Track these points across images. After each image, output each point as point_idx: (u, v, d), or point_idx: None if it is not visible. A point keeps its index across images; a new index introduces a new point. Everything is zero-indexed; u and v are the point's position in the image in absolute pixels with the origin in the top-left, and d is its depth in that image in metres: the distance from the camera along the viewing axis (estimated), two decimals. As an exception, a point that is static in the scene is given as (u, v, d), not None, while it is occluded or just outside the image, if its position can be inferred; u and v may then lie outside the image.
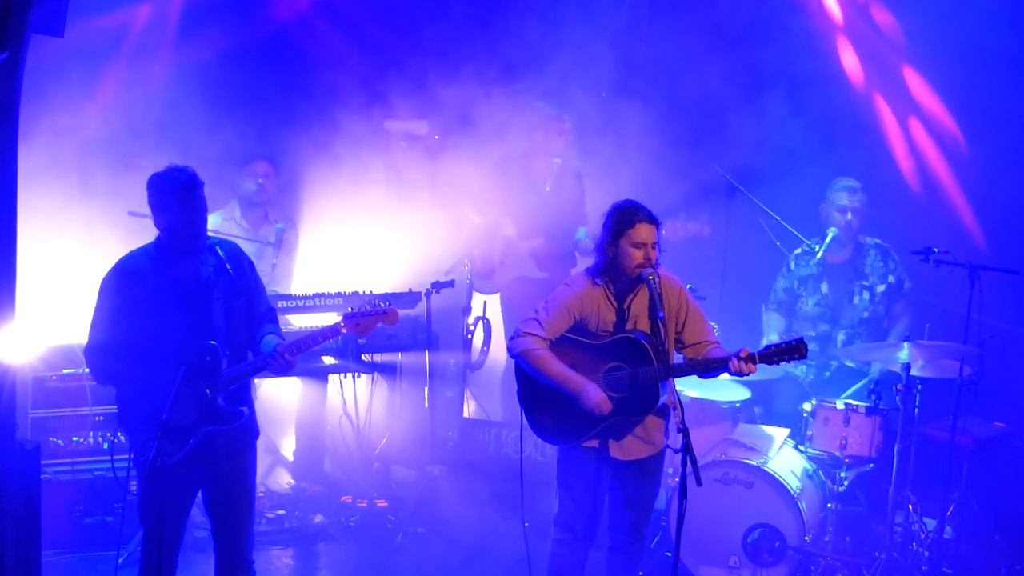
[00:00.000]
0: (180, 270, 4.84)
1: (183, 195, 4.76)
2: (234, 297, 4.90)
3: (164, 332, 4.78)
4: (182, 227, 4.79)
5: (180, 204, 4.76)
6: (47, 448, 6.19)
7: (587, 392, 5.01)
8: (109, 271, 4.86)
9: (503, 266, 7.75)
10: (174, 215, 4.77)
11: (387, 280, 7.38)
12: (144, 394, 4.77)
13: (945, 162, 8.04)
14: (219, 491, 4.96)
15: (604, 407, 5.00)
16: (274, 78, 8.31)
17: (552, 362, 5.05)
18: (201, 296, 4.84)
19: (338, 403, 7.38)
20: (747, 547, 6.15)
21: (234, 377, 4.85)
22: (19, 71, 4.59)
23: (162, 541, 4.78)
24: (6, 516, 4.79)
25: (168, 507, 4.78)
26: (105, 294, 4.84)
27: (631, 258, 5.03)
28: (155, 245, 4.88)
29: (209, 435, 4.82)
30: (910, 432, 6.28)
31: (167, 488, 4.69)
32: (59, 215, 6.90)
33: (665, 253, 5.17)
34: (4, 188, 4.65)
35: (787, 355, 4.92)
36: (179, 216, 4.77)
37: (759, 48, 8.25)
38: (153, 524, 4.80)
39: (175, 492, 4.81)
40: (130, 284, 4.80)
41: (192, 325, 4.80)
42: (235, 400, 4.88)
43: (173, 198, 4.76)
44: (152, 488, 4.63)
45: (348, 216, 7.90)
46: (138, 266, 4.83)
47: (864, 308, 7.15)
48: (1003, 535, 6.58)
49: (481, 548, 6.62)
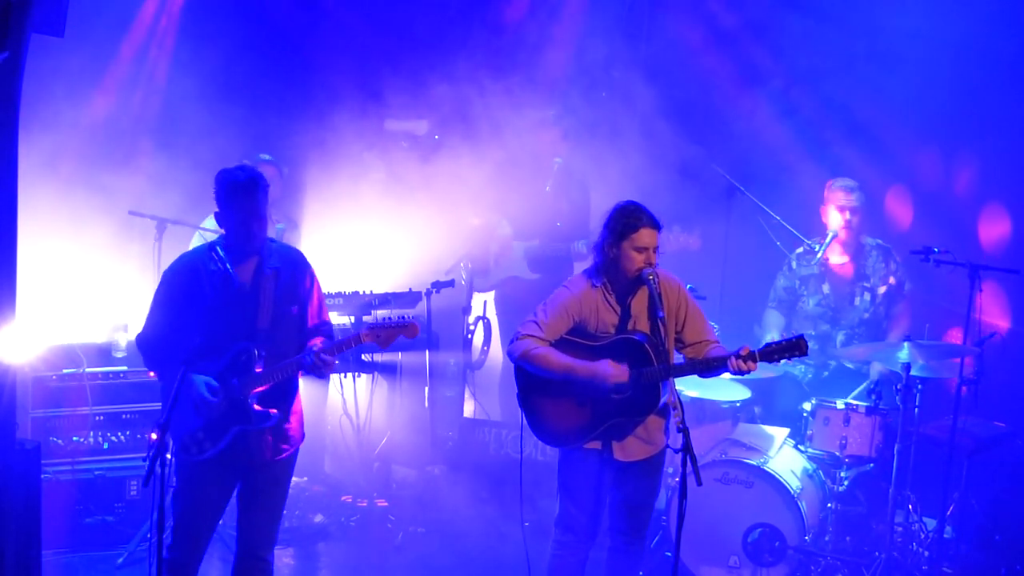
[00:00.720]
0: (235, 270, 4.85)
1: (239, 196, 4.77)
2: (284, 304, 4.91)
3: (210, 330, 4.83)
4: (236, 227, 4.81)
5: (236, 204, 4.78)
6: (47, 448, 6.19)
7: (600, 369, 4.98)
8: (171, 264, 4.94)
9: (497, 265, 7.76)
10: (231, 214, 4.80)
11: (387, 280, 7.38)
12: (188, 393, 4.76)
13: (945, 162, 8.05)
14: (249, 493, 4.96)
15: (622, 375, 4.96)
16: (274, 78, 8.33)
17: (555, 356, 5.03)
18: (250, 298, 4.84)
19: (338, 403, 7.38)
20: (747, 547, 6.15)
21: (265, 377, 4.84)
22: (19, 71, 4.59)
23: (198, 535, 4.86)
24: (6, 516, 4.79)
25: (201, 502, 4.85)
26: (163, 286, 4.89)
27: (632, 262, 5.02)
28: (218, 243, 4.92)
29: (241, 434, 4.84)
30: (910, 432, 6.28)
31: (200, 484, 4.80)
32: (59, 215, 6.90)
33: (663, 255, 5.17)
34: (4, 188, 4.65)
35: (787, 352, 4.90)
36: (234, 216, 4.79)
37: (759, 48, 8.25)
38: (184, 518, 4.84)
39: (208, 487, 4.86)
40: (186, 279, 4.84)
41: (236, 326, 4.83)
42: (267, 402, 4.87)
43: (229, 198, 4.78)
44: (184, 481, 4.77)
45: (348, 216, 7.90)
46: (197, 262, 4.87)
47: (865, 309, 7.14)
48: (1003, 535, 6.58)
49: (481, 548, 6.63)
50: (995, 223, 7.75)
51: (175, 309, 4.84)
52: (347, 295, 6.93)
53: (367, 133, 8.53)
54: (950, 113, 7.92)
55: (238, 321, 4.82)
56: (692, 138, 8.09)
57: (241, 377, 4.80)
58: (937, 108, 7.93)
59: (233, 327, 4.82)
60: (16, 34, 4.51)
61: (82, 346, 6.48)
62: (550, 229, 7.62)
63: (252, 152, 7.64)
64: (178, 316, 4.83)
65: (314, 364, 4.77)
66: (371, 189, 8.38)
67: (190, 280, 4.83)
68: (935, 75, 7.81)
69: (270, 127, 8.09)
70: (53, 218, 6.82)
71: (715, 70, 8.39)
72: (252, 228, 4.80)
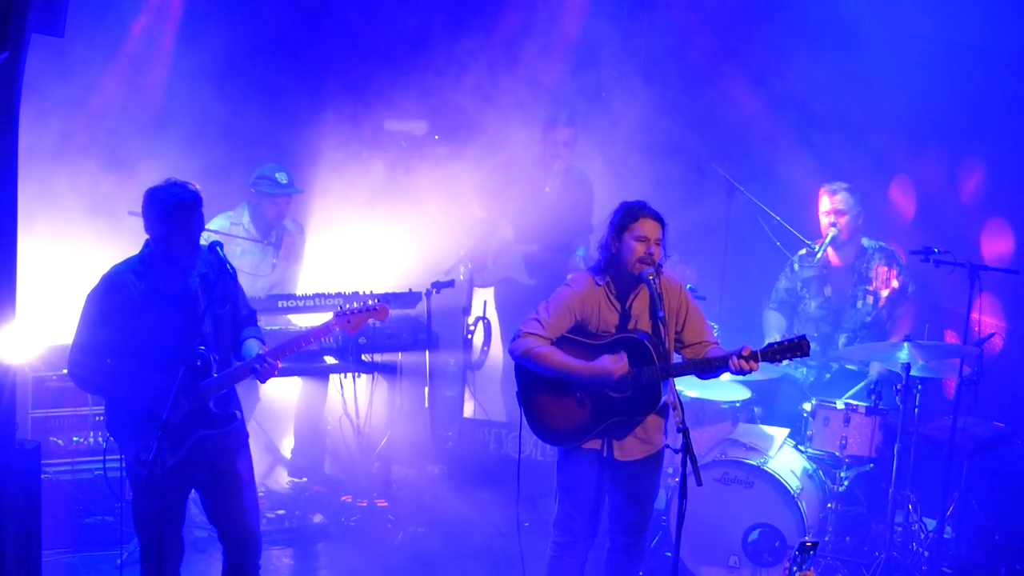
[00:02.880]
0: (168, 281, 4.90)
1: (183, 213, 4.80)
2: (220, 305, 4.99)
3: (156, 340, 4.85)
4: (179, 241, 4.83)
5: (179, 221, 4.80)
6: (47, 448, 6.18)
7: (600, 365, 4.98)
8: (97, 285, 4.90)
9: (495, 264, 7.76)
10: (172, 228, 4.81)
11: (387, 280, 7.38)
12: (135, 401, 4.83)
13: (945, 161, 8.05)
14: (217, 492, 5.03)
15: (623, 368, 4.96)
16: (274, 78, 8.31)
17: (557, 354, 5.03)
18: (190, 306, 4.90)
19: (338, 403, 7.38)
20: (747, 547, 6.15)
21: (222, 382, 4.91)
22: (19, 71, 4.59)
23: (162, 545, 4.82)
24: (6, 516, 4.79)
25: (167, 509, 4.83)
26: (93, 307, 4.87)
27: (633, 252, 5.01)
28: (141, 258, 4.92)
29: (201, 439, 4.91)
30: (910, 432, 6.28)
31: (164, 491, 4.73)
32: (59, 215, 6.90)
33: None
34: (4, 188, 4.65)
35: (789, 353, 4.90)
36: (177, 230, 4.81)
37: (759, 47, 8.26)
38: (152, 529, 4.83)
39: (171, 495, 4.86)
40: (119, 296, 4.84)
41: (183, 333, 4.85)
42: (225, 404, 4.98)
43: (172, 215, 4.79)
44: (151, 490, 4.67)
45: (348, 216, 7.90)
46: (125, 279, 4.87)
47: (867, 312, 7.13)
48: (1003, 535, 6.58)
49: (481, 548, 6.62)
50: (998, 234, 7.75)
51: (111, 326, 4.82)
52: (347, 295, 6.93)
53: (367, 133, 8.53)
54: (951, 113, 7.93)
55: (184, 329, 4.84)
56: (692, 138, 8.09)
57: (201, 382, 4.84)
58: (938, 108, 7.94)
59: (181, 336, 4.83)
60: (16, 34, 4.51)
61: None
62: (550, 232, 7.62)
63: (251, 151, 7.65)
64: (116, 332, 4.82)
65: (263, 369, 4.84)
66: (371, 189, 8.37)
67: (122, 296, 4.83)
68: (935, 75, 7.82)
69: (270, 127, 8.08)
70: (53, 218, 6.81)
71: (715, 70, 8.39)
72: (196, 241, 4.86)
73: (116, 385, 4.90)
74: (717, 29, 8.39)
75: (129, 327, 4.83)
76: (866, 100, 8.10)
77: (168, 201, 4.80)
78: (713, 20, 8.40)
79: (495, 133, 8.00)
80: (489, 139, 8.03)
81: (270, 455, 7.91)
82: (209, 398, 4.89)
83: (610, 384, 4.99)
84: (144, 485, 4.75)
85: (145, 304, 4.85)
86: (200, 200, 4.86)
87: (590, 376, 5.00)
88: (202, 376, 4.86)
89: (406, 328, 7.19)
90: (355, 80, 8.52)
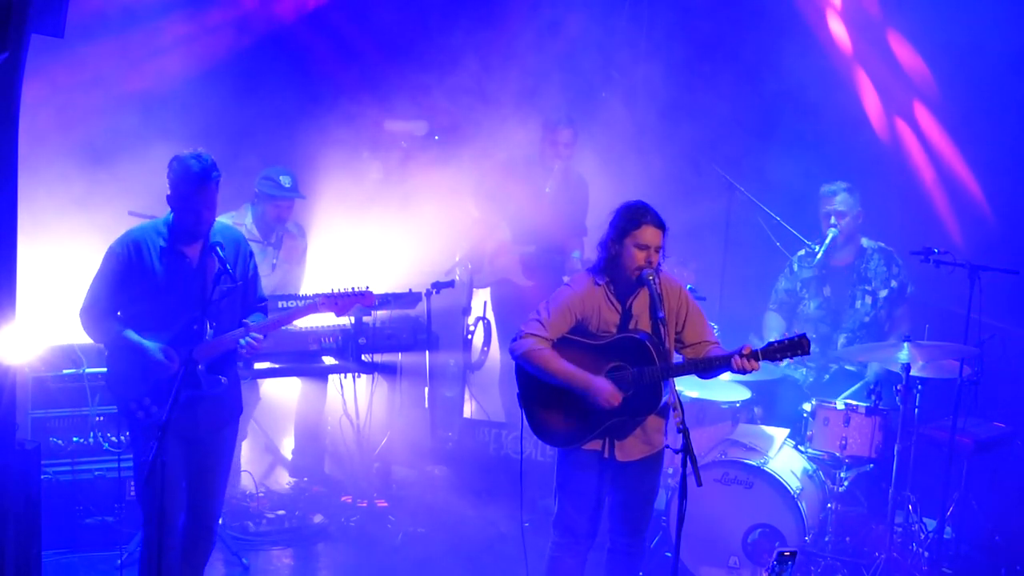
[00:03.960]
0: (183, 251, 5.14)
1: (194, 184, 5.03)
2: (229, 282, 5.21)
3: (165, 302, 5.12)
4: (187, 213, 5.08)
5: (190, 192, 5.04)
6: (47, 448, 6.18)
7: (596, 386, 4.98)
8: (117, 240, 5.16)
9: (492, 265, 7.76)
10: (183, 200, 5.07)
11: (387, 280, 7.37)
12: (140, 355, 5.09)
13: (945, 162, 8.05)
14: (196, 460, 5.22)
15: (615, 399, 4.97)
16: (274, 78, 8.32)
17: (557, 361, 5.03)
18: (197, 273, 5.14)
19: (338, 403, 7.38)
20: (747, 547, 6.15)
21: (213, 347, 5.14)
22: (19, 71, 4.59)
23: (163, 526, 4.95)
24: (6, 516, 4.79)
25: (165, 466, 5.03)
26: (113, 263, 5.13)
27: (633, 259, 5.01)
28: (165, 222, 5.18)
29: (191, 400, 5.07)
30: (910, 432, 6.28)
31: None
32: (59, 215, 6.90)
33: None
34: (4, 188, 4.65)
35: (790, 351, 4.90)
36: (186, 203, 5.06)
37: (760, 47, 8.26)
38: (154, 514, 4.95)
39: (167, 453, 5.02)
40: (139, 256, 5.10)
41: (186, 298, 5.12)
42: (215, 370, 5.19)
43: (185, 185, 5.04)
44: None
45: (348, 217, 7.90)
46: (148, 239, 5.13)
47: (866, 312, 7.13)
48: (1003, 535, 6.58)
49: (481, 548, 6.62)
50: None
51: (123, 283, 5.11)
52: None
53: (367, 133, 8.53)
54: (951, 112, 7.94)
55: (188, 294, 5.12)
56: (692, 138, 8.09)
57: (193, 345, 5.08)
58: (937, 107, 7.95)
59: (183, 300, 5.12)
60: (16, 34, 4.50)
61: (82, 346, 6.45)
62: (548, 233, 7.62)
63: (251, 152, 7.64)
64: (126, 290, 5.11)
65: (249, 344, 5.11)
66: (371, 190, 8.38)
67: (139, 256, 5.10)
68: (937, 75, 7.83)
69: (270, 127, 8.09)
70: (53, 218, 6.81)
71: (715, 70, 8.39)
72: (203, 215, 5.08)
73: (122, 338, 5.12)
74: (717, 29, 8.39)
75: (143, 286, 5.10)
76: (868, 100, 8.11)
77: (192, 169, 5.04)
78: (713, 20, 8.40)
79: (495, 134, 8.00)
80: (489, 140, 8.02)
81: (270, 455, 7.92)
82: (200, 361, 5.11)
83: (596, 404, 5.00)
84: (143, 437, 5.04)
85: (162, 265, 5.10)
86: (211, 175, 5.08)
87: (583, 390, 5.01)
88: (196, 339, 5.10)
89: (406, 328, 7.19)
90: (355, 80, 8.52)
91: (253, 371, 6.73)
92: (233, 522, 6.76)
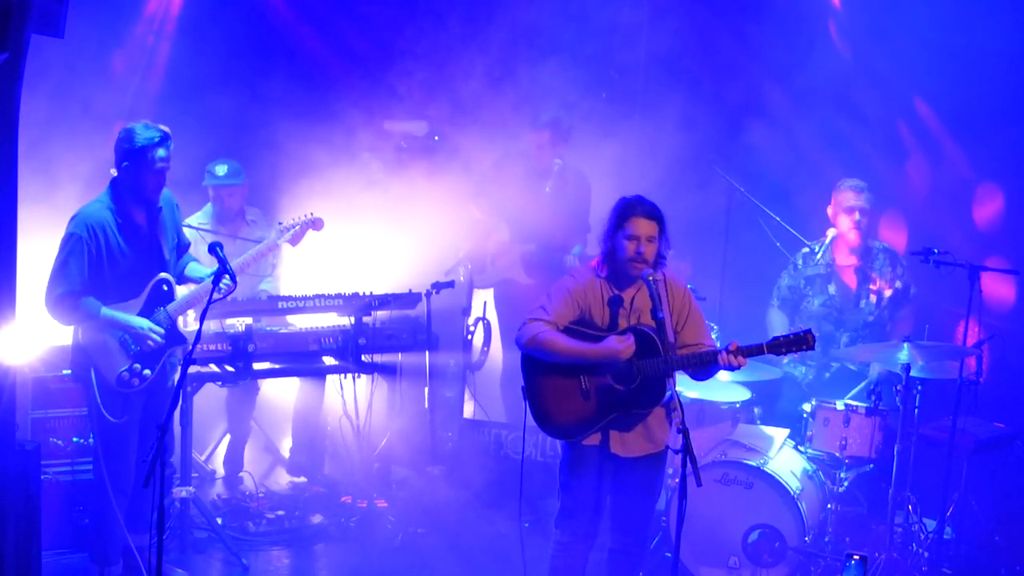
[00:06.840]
0: (134, 219, 5.44)
1: (156, 151, 5.33)
2: (172, 235, 5.64)
3: (131, 276, 5.45)
4: (149, 178, 5.36)
5: (152, 158, 5.33)
6: (47, 448, 6.18)
7: (607, 346, 4.99)
8: (75, 224, 5.37)
9: (493, 266, 7.77)
10: (138, 167, 5.33)
11: (388, 281, 7.37)
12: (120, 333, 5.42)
13: (946, 161, 8.05)
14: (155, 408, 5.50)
15: (629, 348, 4.97)
16: (273, 77, 8.31)
17: (564, 339, 5.05)
18: (153, 241, 5.50)
19: (338, 403, 7.37)
20: (747, 547, 6.15)
21: (189, 302, 5.57)
22: (19, 71, 4.59)
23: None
24: (6, 516, 4.79)
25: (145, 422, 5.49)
26: (79, 246, 5.33)
27: (624, 250, 5.05)
28: (109, 196, 5.43)
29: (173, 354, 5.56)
30: (910, 432, 6.28)
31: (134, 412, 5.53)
32: (59, 214, 6.89)
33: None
34: (5, 188, 4.64)
35: (795, 346, 4.91)
36: (149, 168, 5.34)
37: (760, 47, 8.26)
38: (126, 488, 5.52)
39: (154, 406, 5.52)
40: (103, 238, 5.36)
41: (150, 266, 5.50)
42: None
43: (141, 153, 5.31)
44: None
45: (348, 217, 7.88)
46: (102, 221, 5.37)
47: (870, 312, 7.13)
48: (1003, 535, 6.58)
49: (481, 548, 6.62)
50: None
51: (94, 266, 5.34)
52: (347, 296, 6.92)
53: (366, 134, 8.52)
54: (950, 113, 7.94)
55: (150, 259, 5.48)
56: (692, 138, 8.08)
57: (166, 304, 5.50)
58: (938, 107, 7.95)
59: (148, 266, 5.48)
60: (16, 34, 4.50)
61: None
62: (549, 232, 7.62)
63: (251, 152, 7.64)
64: (99, 272, 5.36)
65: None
66: (370, 190, 8.37)
67: (105, 238, 5.35)
68: (938, 74, 7.82)
69: (269, 128, 8.09)
70: (53, 218, 6.80)
71: (715, 69, 8.40)
72: (162, 182, 5.43)
73: (102, 319, 5.38)
74: (717, 28, 8.39)
75: (113, 265, 5.39)
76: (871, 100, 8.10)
77: (141, 140, 5.32)
78: (713, 19, 8.40)
79: (495, 134, 7.99)
80: (489, 140, 8.02)
81: (269, 455, 7.92)
82: (176, 317, 5.54)
83: (618, 364, 4.98)
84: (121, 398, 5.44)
85: (124, 242, 5.40)
86: (169, 139, 5.37)
87: (597, 358, 5.01)
88: (168, 299, 5.53)
89: (406, 328, 7.19)
90: (355, 81, 8.52)
91: (253, 371, 6.72)
92: (233, 522, 6.76)
